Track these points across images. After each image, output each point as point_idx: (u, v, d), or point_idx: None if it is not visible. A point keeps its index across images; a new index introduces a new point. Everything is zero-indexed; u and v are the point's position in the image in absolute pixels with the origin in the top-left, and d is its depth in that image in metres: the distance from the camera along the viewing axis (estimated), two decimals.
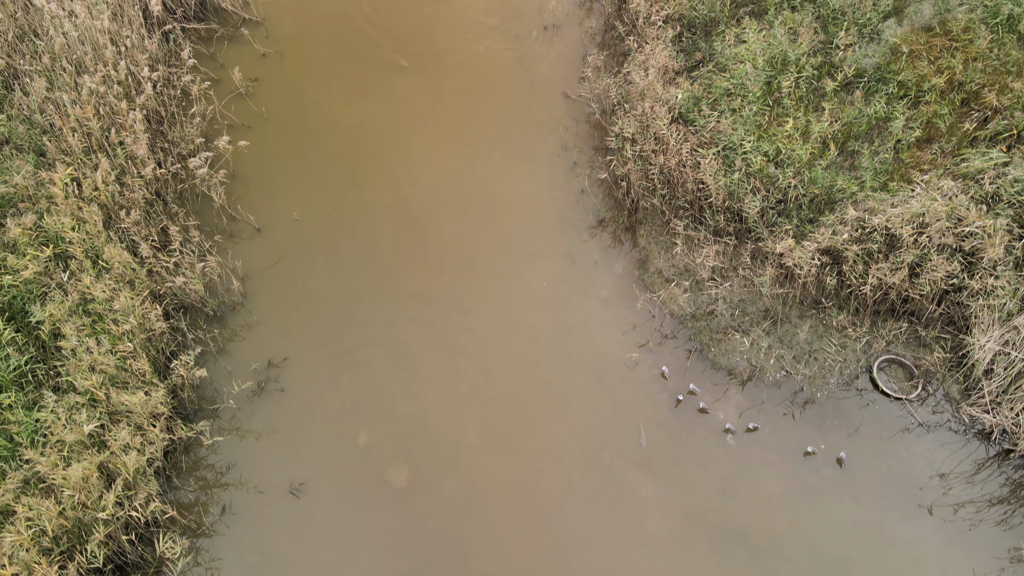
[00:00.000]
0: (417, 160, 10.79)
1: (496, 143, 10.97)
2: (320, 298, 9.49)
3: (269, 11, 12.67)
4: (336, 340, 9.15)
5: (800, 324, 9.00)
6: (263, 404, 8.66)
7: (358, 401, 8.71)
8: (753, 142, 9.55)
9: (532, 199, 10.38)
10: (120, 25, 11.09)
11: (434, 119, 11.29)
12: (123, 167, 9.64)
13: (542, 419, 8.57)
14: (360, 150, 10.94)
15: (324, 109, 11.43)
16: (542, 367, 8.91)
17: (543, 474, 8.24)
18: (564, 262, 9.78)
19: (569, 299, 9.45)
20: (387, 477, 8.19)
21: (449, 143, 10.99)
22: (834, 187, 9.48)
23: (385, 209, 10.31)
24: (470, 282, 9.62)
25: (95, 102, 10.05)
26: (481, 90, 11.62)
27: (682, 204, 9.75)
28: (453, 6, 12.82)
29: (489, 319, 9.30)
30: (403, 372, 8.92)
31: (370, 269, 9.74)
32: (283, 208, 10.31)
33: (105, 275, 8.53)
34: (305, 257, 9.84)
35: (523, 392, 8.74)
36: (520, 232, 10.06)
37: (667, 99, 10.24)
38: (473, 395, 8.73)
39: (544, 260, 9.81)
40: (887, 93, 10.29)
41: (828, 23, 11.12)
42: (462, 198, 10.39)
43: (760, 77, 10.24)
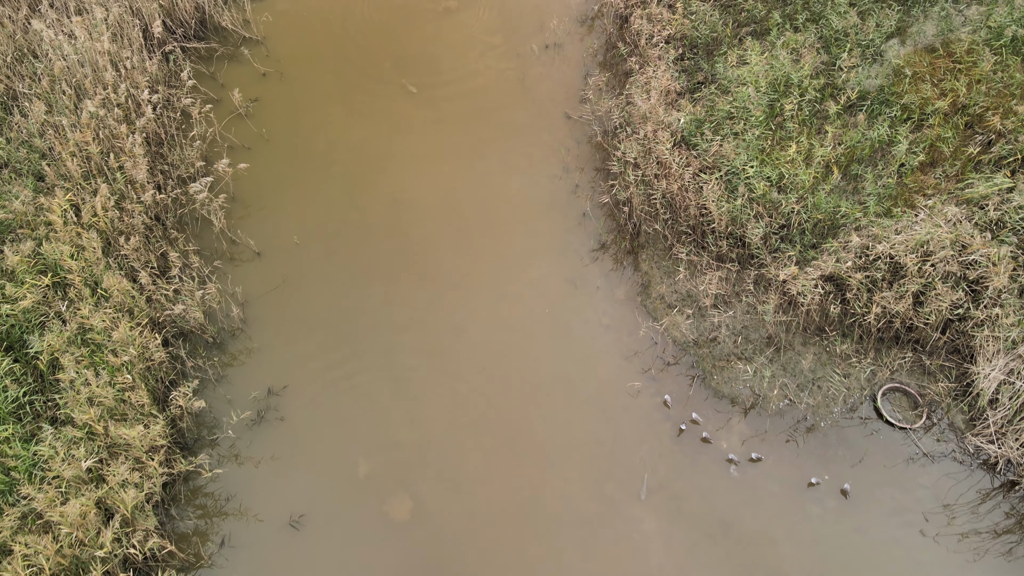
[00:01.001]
0: (418, 183, 10.74)
1: (498, 165, 10.92)
2: (320, 323, 9.43)
3: (270, 30, 12.63)
4: (336, 366, 9.09)
5: (803, 352, 8.94)
6: (263, 433, 8.60)
7: (359, 429, 8.65)
8: (756, 167, 9.49)
9: (534, 223, 10.32)
10: (120, 46, 11.05)
11: (435, 140, 11.24)
12: (122, 192, 9.59)
13: (544, 449, 8.51)
14: (361, 172, 10.89)
15: (324, 130, 11.39)
16: (544, 395, 8.85)
17: (545, 506, 8.17)
18: (566, 287, 9.73)
19: (571, 325, 9.39)
20: (388, 509, 8.12)
21: (450, 165, 10.94)
22: (837, 212, 9.42)
23: (386, 232, 10.26)
24: (472, 308, 9.56)
25: (95, 126, 10.01)
26: (483, 110, 11.57)
27: (684, 229, 9.69)
28: (455, 24, 12.78)
29: (491, 346, 9.24)
30: (404, 399, 8.86)
31: (371, 294, 9.68)
32: (283, 231, 10.26)
33: (104, 303, 8.48)
34: (305, 282, 9.78)
35: (525, 421, 8.67)
36: (522, 256, 10.01)
37: (669, 122, 10.19)
38: (475, 423, 8.67)
39: (546, 285, 9.75)
40: (890, 116, 10.24)
41: (831, 44, 11.08)
42: (464, 222, 10.34)
43: (762, 100, 10.19)
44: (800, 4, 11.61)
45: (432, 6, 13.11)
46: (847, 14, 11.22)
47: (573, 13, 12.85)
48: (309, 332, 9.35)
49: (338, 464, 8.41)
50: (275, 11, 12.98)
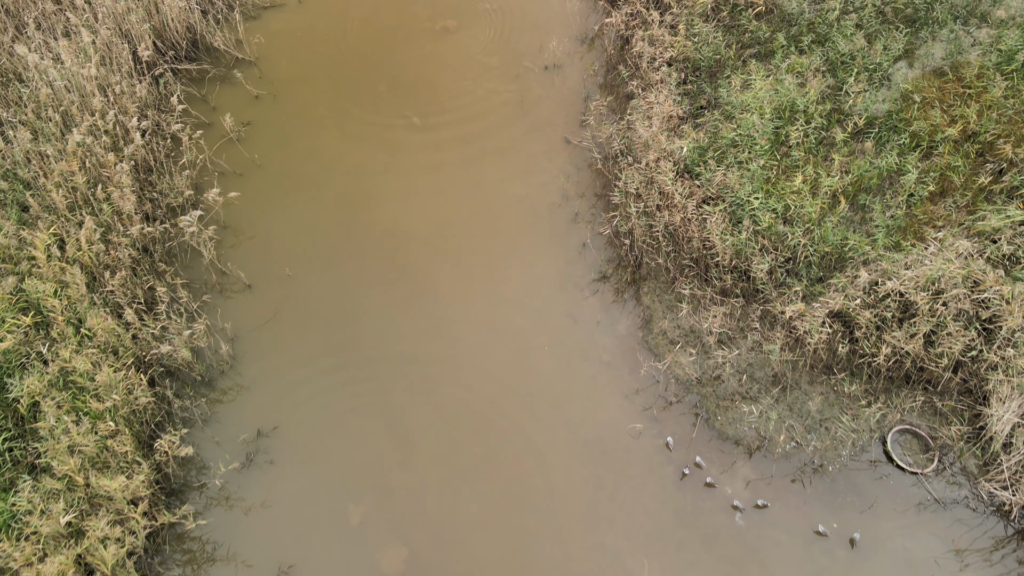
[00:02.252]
0: (413, 212, 10.46)
1: (496, 193, 10.64)
2: (312, 360, 9.15)
3: (263, 50, 12.36)
4: (328, 406, 8.82)
5: (810, 391, 8.66)
6: (252, 477, 8.33)
7: (351, 473, 8.37)
8: (761, 198, 9.21)
9: (533, 253, 10.04)
10: (108, 70, 10.78)
11: (432, 167, 10.97)
12: (109, 224, 9.32)
13: (543, 495, 8.22)
14: (354, 199, 10.62)
15: (318, 155, 11.11)
16: (543, 438, 8.57)
17: (544, 556, 7.89)
18: (565, 322, 9.45)
19: (570, 363, 9.12)
20: (381, 559, 7.84)
21: (447, 193, 10.67)
22: (845, 245, 9.14)
23: (380, 264, 9.98)
24: (469, 345, 9.28)
25: (81, 154, 9.74)
26: (480, 135, 11.30)
27: (687, 263, 9.41)
28: (452, 45, 12.51)
29: (489, 385, 8.96)
30: (398, 442, 8.58)
31: (364, 329, 9.41)
32: (275, 262, 9.98)
33: (88, 342, 8.21)
34: (297, 316, 9.51)
35: (523, 465, 8.39)
36: (521, 289, 9.73)
37: (672, 150, 9.91)
38: (471, 468, 8.39)
39: (545, 320, 9.47)
40: (899, 143, 9.96)
41: (837, 67, 10.80)
42: (460, 253, 10.06)
43: (767, 128, 9.91)
44: (805, 26, 11.34)
45: (429, 25, 12.84)
46: (854, 36, 10.95)
47: (573, 33, 12.58)
48: (300, 369, 9.07)
49: (330, 511, 8.13)
50: (268, 31, 12.71)
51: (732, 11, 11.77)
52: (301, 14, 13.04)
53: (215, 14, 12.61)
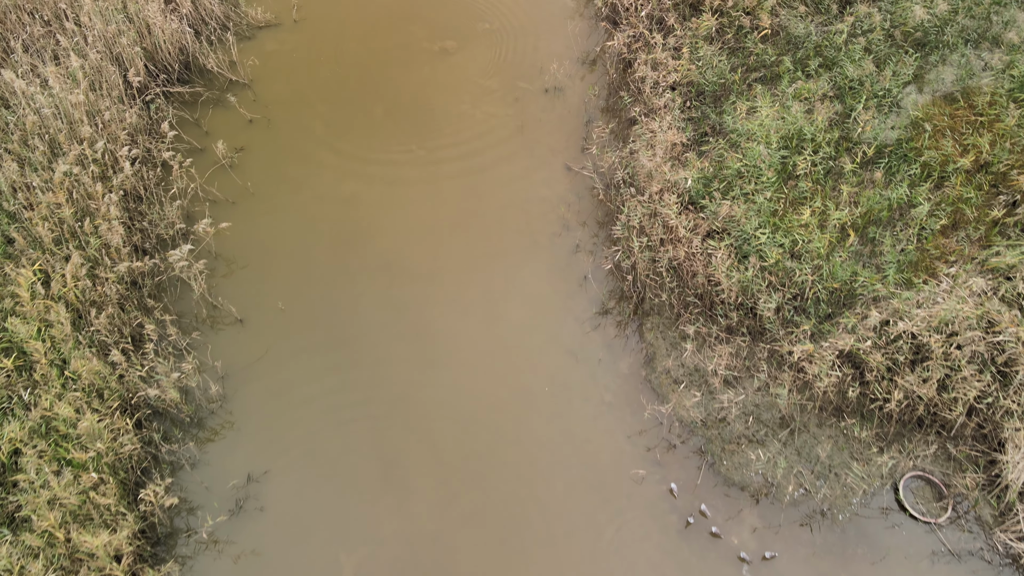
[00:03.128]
0: (410, 244, 10.18)
1: (495, 223, 10.36)
2: (304, 400, 8.87)
3: (257, 72, 12.10)
4: (321, 449, 8.54)
5: (819, 434, 8.38)
6: (241, 524, 8.05)
7: (344, 521, 8.09)
8: (768, 233, 8.93)
9: (532, 287, 9.76)
10: (98, 95, 10.51)
11: (429, 195, 10.69)
12: (96, 259, 9.05)
13: (542, 547, 7.94)
14: (349, 230, 10.34)
15: (313, 182, 10.84)
16: (543, 484, 8.29)
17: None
18: (566, 359, 9.16)
19: (571, 403, 8.83)
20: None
21: (445, 222, 10.39)
22: (855, 281, 8.85)
23: (376, 298, 9.71)
24: (467, 384, 9.00)
25: (69, 184, 9.47)
26: (479, 162, 11.02)
27: (692, 299, 9.13)
28: (451, 66, 12.24)
29: (487, 428, 8.68)
30: (393, 488, 8.30)
31: (359, 367, 9.13)
32: (267, 295, 9.71)
33: (72, 384, 7.94)
34: (289, 352, 9.23)
35: (522, 513, 8.11)
36: (520, 326, 9.45)
37: (676, 181, 9.63)
38: (468, 516, 8.11)
39: (545, 357, 9.19)
40: (909, 174, 9.67)
41: (845, 93, 10.52)
42: (458, 286, 9.78)
43: (774, 158, 9.63)
44: (812, 49, 11.06)
45: (428, 46, 12.57)
46: (862, 61, 10.67)
47: (574, 54, 12.30)
48: (293, 410, 8.79)
49: (321, 560, 7.85)
50: (263, 52, 12.44)
51: (737, 33, 11.50)
52: (297, 34, 12.78)
53: (208, 34, 12.36)
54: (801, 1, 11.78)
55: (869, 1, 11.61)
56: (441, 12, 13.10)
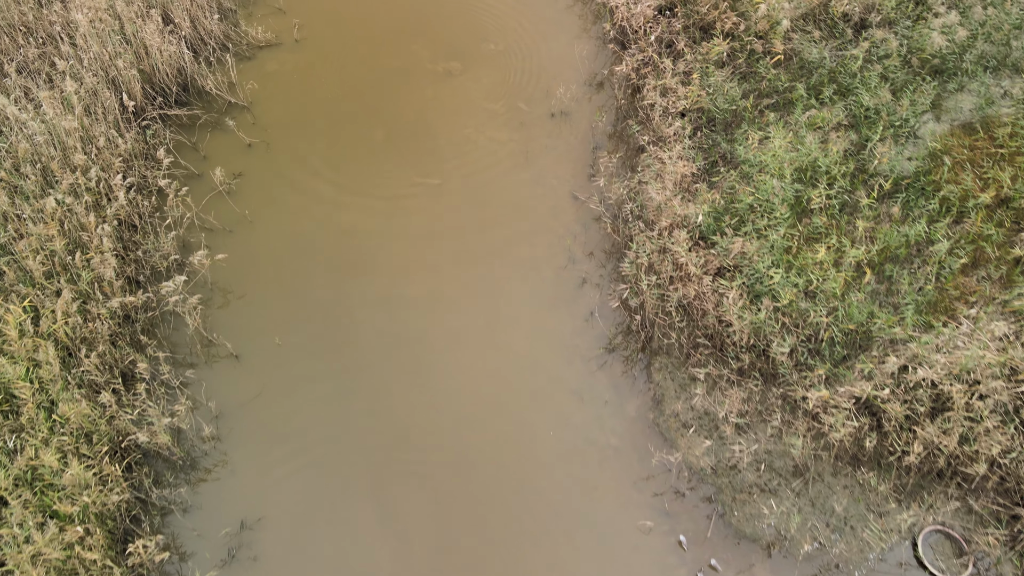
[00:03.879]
0: (411, 276, 9.90)
1: (499, 255, 10.06)
2: (300, 442, 8.59)
3: (256, 95, 11.82)
4: (316, 492, 8.25)
5: (835, 484, 8.06)
6: (234, 575, 7.76)
7: (340, 570, 7.80)
8: (781, 273, 8.62)
9: (537, 323, 9.47)
10: (93, 120, 10.25)
11: (432, 224, 10.40)
12: (87, 294, 8.78)
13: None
14: (349, 261, 10.05)
15: (312, 210, 10.56)
16: (546, 535, 7.99)
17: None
18: (571, 400, 8.87)
19: (576, 446, 8.53)
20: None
21: (447, 254, 10.10)
22: (871, 323, 8.53)
23: (375, 333, 9.42)
24: (468, 425, 8.71)
25: (61, 215, 9.22)
26: (483, 189, 10.73)
27: (702, 340, 8.82)
28: (454, 89, 11.95)
29: (488, 473, 8.39)
30: (390, 535, 8.01)
31: (357, 407, 8.84)
32: (264, 330, 9.43)
33: (60, 428, 7.67)
34: (285, 391, 8.95)
35: (524, 566, 7.80)
36: (524, 363, 9.15)
37: (686, 215, 9.32)
38: (468, 567, 7.81)
39: (549, 397, 8.89)
40: (927, 209, 9.35)
41: (860, 122, 10.20)
42: (460, 321, 9.49)
43: (787, 192, 9.32)
44: (826, 75, 10.75)
45: (432, 67, 12.28)
46: (878, 89, 10.35)
47: (581, 78, 12.01)
48: (289, 452, 8.51)
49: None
50: (263, 72, 12.18)
51: (749, 58, 11.20)
52: (297, 53, 12.51)
53: (207, 55, 12.09)
54: (815, 25, 11.48)
55: (885, 25, 11.30)
56: (446, 31, 12.82)
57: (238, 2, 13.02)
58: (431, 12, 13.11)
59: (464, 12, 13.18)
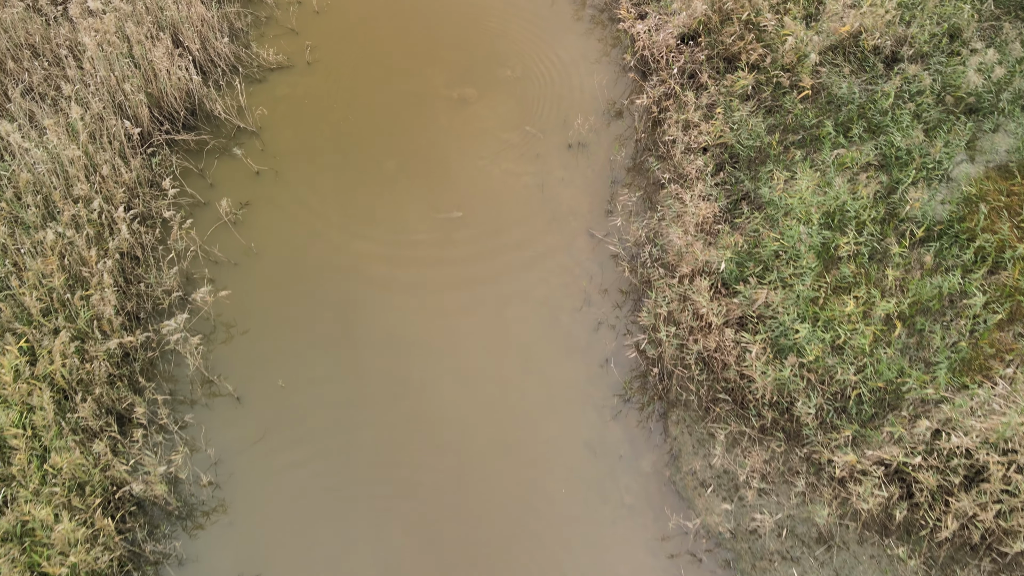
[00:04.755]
0: (419, 313, 9.56)
1: (511, 294, 9.71)
2: (302, 490, 8.27)
3: (266, 120, 11.52)
4: (318, 548, 7.93)
5: (861, 554, 7.65)
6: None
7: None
8: (808, 327, 8.21)
9: (550, 368, 9.11)
10: (97, 148, 9.98)
11: (440, 260, 10.07)
12: (85, 333, 8.50)
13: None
14: (356, 297, 9.73)
15: (320, 243, 10.24)
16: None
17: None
18: (583, 453, 8.50)
19: (588, 503, 8.17)
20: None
21: (457, 292, 9.76)
22: (902, 382, 8.12)
23: (381, 376, 9.09)
24: (476, 477, 8.36)
25: (61, 247, 8.95)
26: (496, 225, 10.38)
27: (722, 395, 8.44)
28: (469, 117, 11.61)
29: (497, 529, 8.04)
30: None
31: (360, 456, 8.51)
32: (267, 371, 9.12)
33: (52, 479, 7.38)
34: (288, 437, 8.63)
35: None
36: (535, 411, 8.80)
37: (708, 261, 8.94)
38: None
39: (561, 449, 8.53)
40: (961, 260, 8.92)
41: (891, 163, 9.78)
42: (470, 366, 9.15)
43: (814, 239, 8.92)
44: (855, 112, 10.33)
45: (447, 92, 11.95)
46: (911, 128, 9.93)
47: (600, 107, 11.63)
48: (290, 503, 8.19)
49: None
50: (273, 96, 11.88)
51: (775, 91, 10.79)
52: (309, 77, 12.21)
53: (216, 78, 11.82)
54: (844, 58, 11.06)
55: (917, 59, 10.87)
56: (462, 55, 12.49)
57: (250, 23, 12.75)
58: (447, 35, 12.78)
59: (481, 36, 12.85)
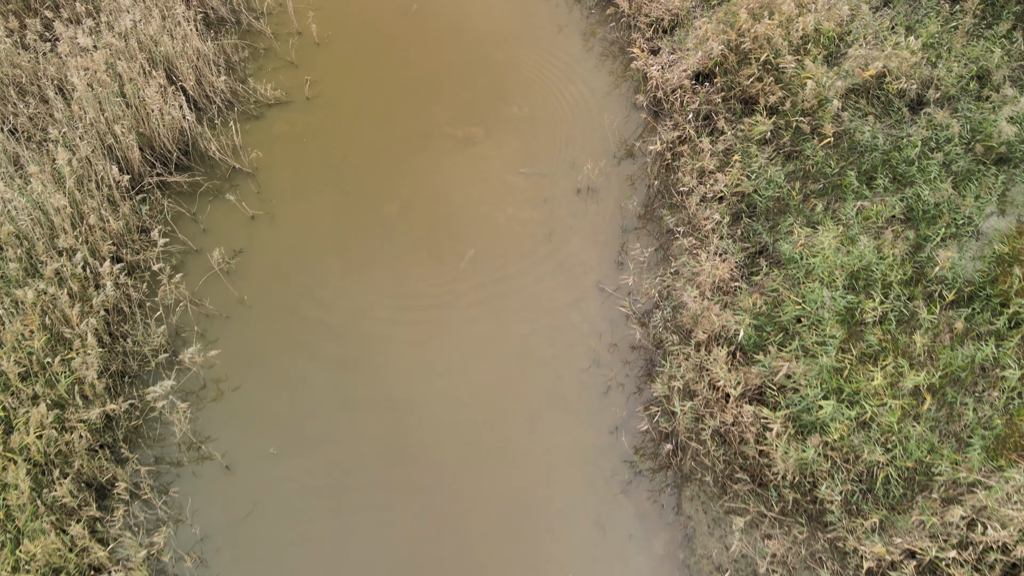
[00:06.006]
0: (420, 374, 9.08)
1: (516, 354, 9.23)
2: (294, 571, 7.79)
3: (263, 161, 11.06)
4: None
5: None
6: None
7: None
8: (832, 404, 7.70)
9: (556, 436, 8.62)
10: (85, 194, 9.54)
11: (442, 315, 9.58)
12: (66, 400, 8.04)
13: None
14: (353, 354, 9.25)
15: (316, 294, 9.77)
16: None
17: None
18: (591, 531, 8.01)
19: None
20: None
21: (459, 350, 9.27)
22: (933, 465, 7.60)
23: (379, 443, 8.61)
24: (477, 556, 7.87)
25: (43, 305, 8.50)
26: (502, 277, 9.90)
27: (740, 475, 7.93)
28: (474, 158, 11.14)
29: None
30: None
31: (356, 529, 8.03)
32: (258, 434, 8.65)
33: (25, 566, 6.92)
34: (279, 510, 8.16)
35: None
36: (540, 486, 8.30)
37: (725, 326, 8.44)
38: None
39: (568, 525, 8.04)
40: (994, 327, 8.40)
41: (919, 218, 9.27)
42: (472, 434, 8.66)
43: (838, 304, 8.41)
44: (879, 160, 9.82)
45: (451, 131, 11.48)
46: (939, 181, 9.42)
47: (610, 148, 11.15)
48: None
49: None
50: (271, 134, 11.43)
51: (794, 135, 10.29)
52: (308, 113, 11.75)
53: (211, 116, 11.37)
54: (867, 101, 10.55)
55: (943, 103, 10.36)
56: (467, 90, 12.02)
57: (247, 56, 12.30)
58: (453, 69, 12.32)
59: (486, 68, 12.38)
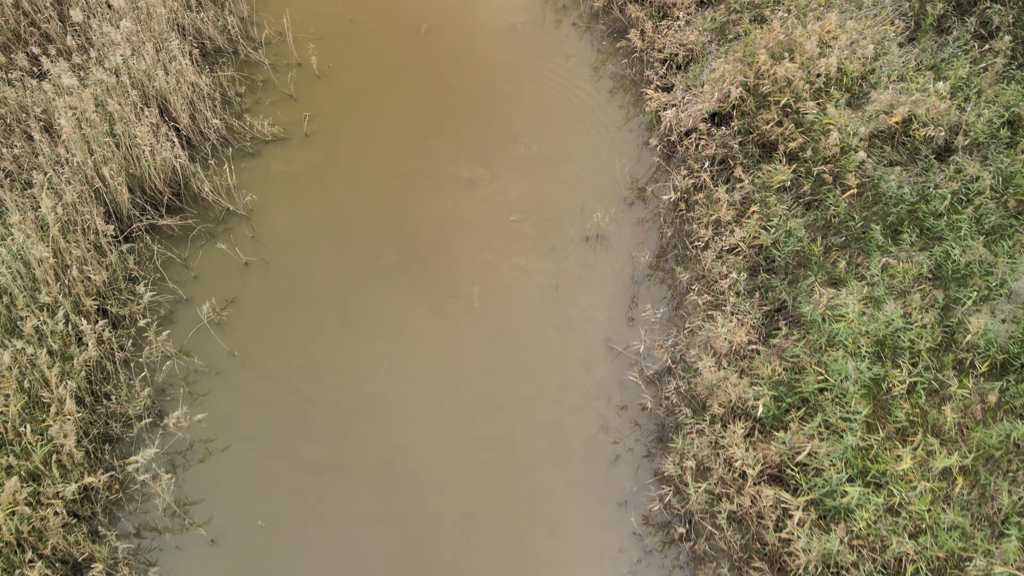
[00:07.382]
0: (417, 437, 8.59)
1: (520, 418, 8.73)
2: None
3: (258, 204, 10.60)
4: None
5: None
6: None
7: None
8: (859, 490, 7.18)
9: (561, 508, 8.12)
10: (70, 243, 9.10)
11: (442, 374, 9.10)
12: (41, 471, 7.59)
13: None
14: (347, 415, 8.77)
15: (309, 348, 9.30)
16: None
17: None
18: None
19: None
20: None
21: (459, 414, 8.78)
22: (963, 549, 7.08)
23: (372, 512, 8.12)
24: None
25: (21, 366, 8.06)
26: (506, 333, 9.40)
27: (758, 563, 7.41)
28: (478, 201, 10.66)
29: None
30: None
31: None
32: (246, 503, 8.18)
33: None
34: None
35: None
36: (544, 561, 7.80)
37: (742, 397, 7.93)
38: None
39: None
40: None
41: (948, 279, 8.74)
42: (472, 507, 8.17)
43: (863, 376, 7.89)
44: (905, 212, 9.29)
45: (455, 172, 11.00)
46: (970, 238, 8.88)
47: (621, 193, 10.65)
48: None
49: None
50: (267, 173, 10.96)
51: (815, 183, 9.78)
52: (306, 151, 11.29)
53: (205, 154, 10.92)
54: (893, 148, 10.02)
55: (972, 149, 9.83)
56: (471, 127, 11.54)
57: (244, 91, 11.84)
58: (457, 104, 11.84)
59: (492, 103, 11.90)
